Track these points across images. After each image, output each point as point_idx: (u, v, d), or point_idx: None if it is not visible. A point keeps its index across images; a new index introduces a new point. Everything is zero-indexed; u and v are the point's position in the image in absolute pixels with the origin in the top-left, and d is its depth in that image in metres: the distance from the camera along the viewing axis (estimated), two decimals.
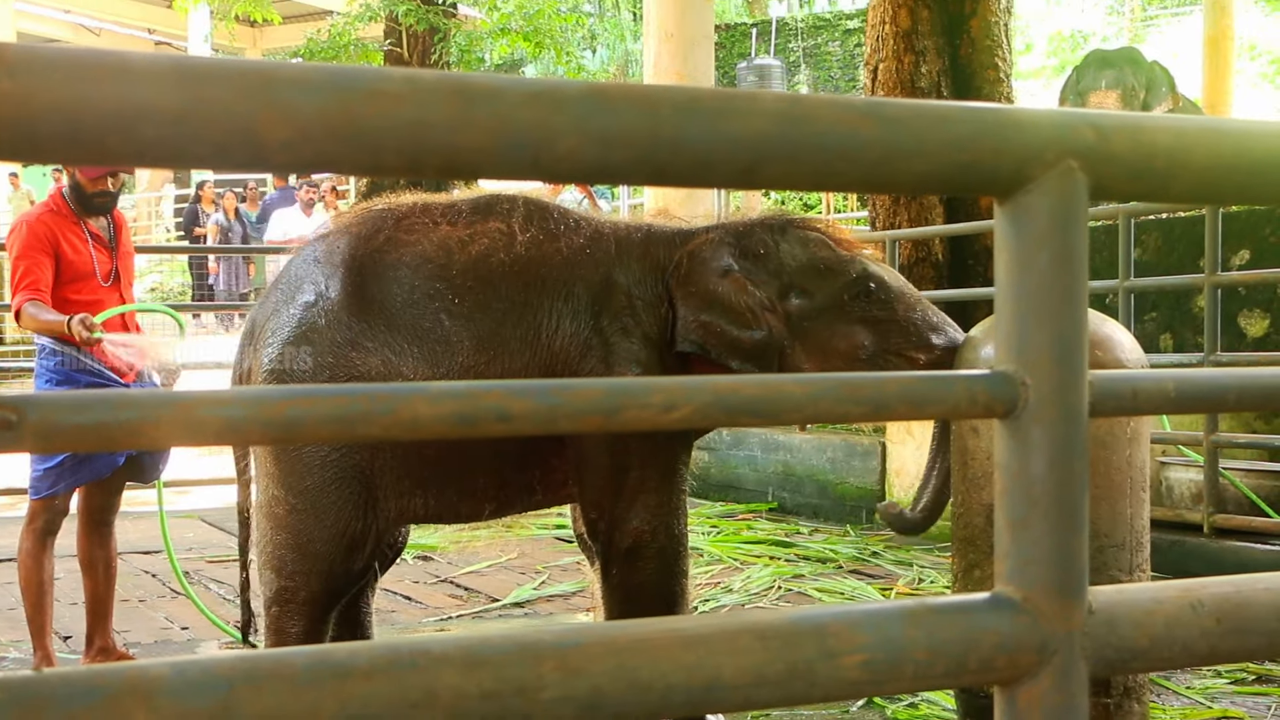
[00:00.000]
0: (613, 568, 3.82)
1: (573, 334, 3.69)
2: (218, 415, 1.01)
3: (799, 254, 3.81)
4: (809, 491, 8.84)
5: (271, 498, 3.67)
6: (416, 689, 1.05)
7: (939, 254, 9.81)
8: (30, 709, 0.94)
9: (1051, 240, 1.26)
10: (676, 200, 10.43)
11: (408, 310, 3.66)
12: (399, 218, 3.80)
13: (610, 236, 3.83)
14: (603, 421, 1.15)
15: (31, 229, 4.66)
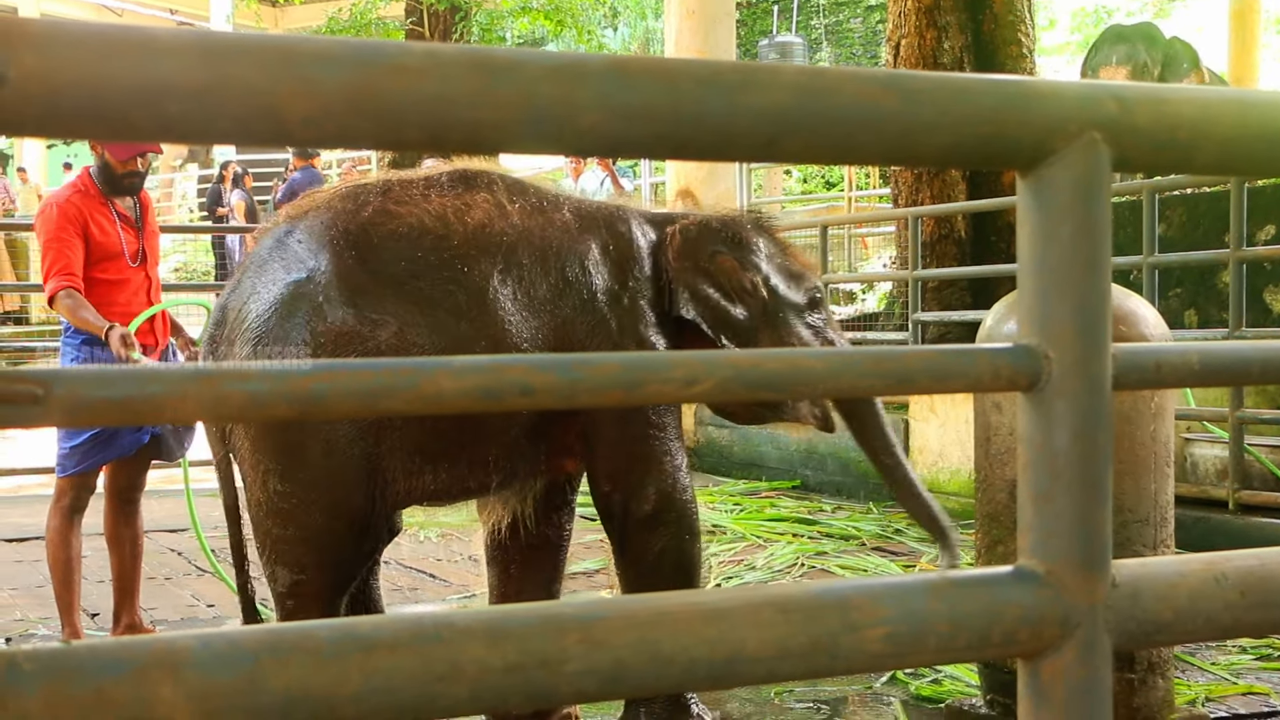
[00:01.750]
0: (633, 537, 3.83)
1: (580, 303, 3.71)
2: (242, 390, 1.02)
3: (774, 252, 4.07)
4: (832, 469, 8.83)
5: (274, 492, 3.54)
6: (441, 661, 1.05)
7: (961, 231, 9.78)
8: (59, 680, 0.95)
9: (1074, 213, 1.26)
10: (698, 179, 10.42)
11: (414, 281, 3.59)
12: (381, 191, 3.72)
13: (595, 212, 3.89)
14: (624, 396, 1.15)
15: (61, 210, 4.67)
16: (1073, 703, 1.27)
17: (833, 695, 4.41)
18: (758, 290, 3.91)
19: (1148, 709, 3.44)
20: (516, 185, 3.82)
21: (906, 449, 8.22)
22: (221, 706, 1.00)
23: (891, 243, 13.36)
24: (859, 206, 16.59)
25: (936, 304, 9.38)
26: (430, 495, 3.77)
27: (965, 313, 8.48)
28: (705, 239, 3.90)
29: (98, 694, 0.95)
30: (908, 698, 4.34)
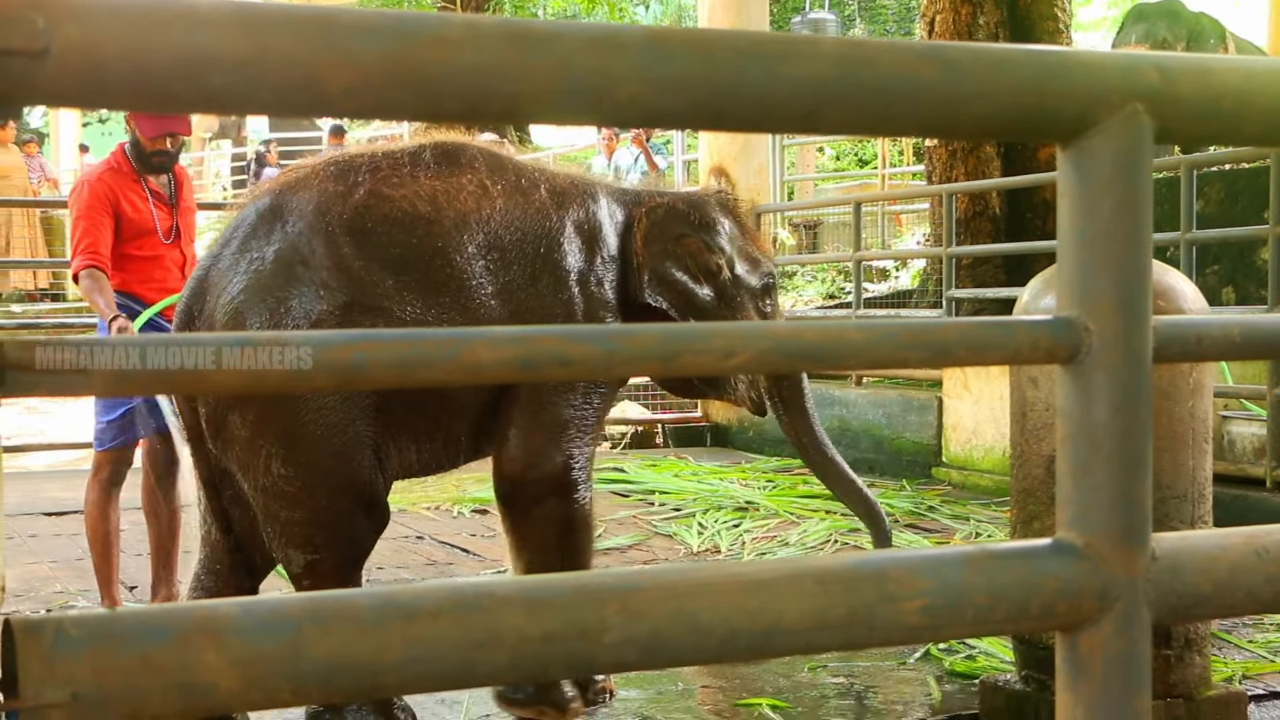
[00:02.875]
0: (538, 507, 3.81)
1: (550, 287, 3.75)
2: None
3: (736, 235, 4.13)
4: (865, 446, 8.81)
5: (279, 476, 3.51)
6: (481, 629, 1.06)
7: (996, 207, 9.73)
8: (105, 645, 0.96)
9: (1115, 185, 1.25)
10: (731, 156, 10.40)
11: (408, 268, 3.60)
12: (371, 169, 3.69)
13: (569, 191, 3.91)
14: (661, 367, 1.16)
15: (92, 189, 4.70)
16: (1111, 675, 1.27)
17: (866, 671, 4.41)
18: (721, 272, 3.99)
19: (1184, 685, 3.43)
20: (496, 162, 3.86)
21: (940, 427, 8.21)
22: (264, 673, 1.01)
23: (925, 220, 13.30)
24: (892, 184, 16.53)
25: (971, 281, 9.34)
26: (415, 470, 3.84)
27: (1000, 289, 8.44)
28: (672, 221, 3.96)
29: (143, 659, 0.96)
30: (942, 673, 4.34)
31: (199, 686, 0.99)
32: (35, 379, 0.94)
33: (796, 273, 13.81)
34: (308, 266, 3.54)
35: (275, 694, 1.07)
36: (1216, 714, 3.48)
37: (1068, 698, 1.29)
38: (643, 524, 6.81)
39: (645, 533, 6.60)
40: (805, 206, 14.74)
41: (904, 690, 4.24)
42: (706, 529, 6.59)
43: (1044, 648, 3.54)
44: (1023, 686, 3.67)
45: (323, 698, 1.06)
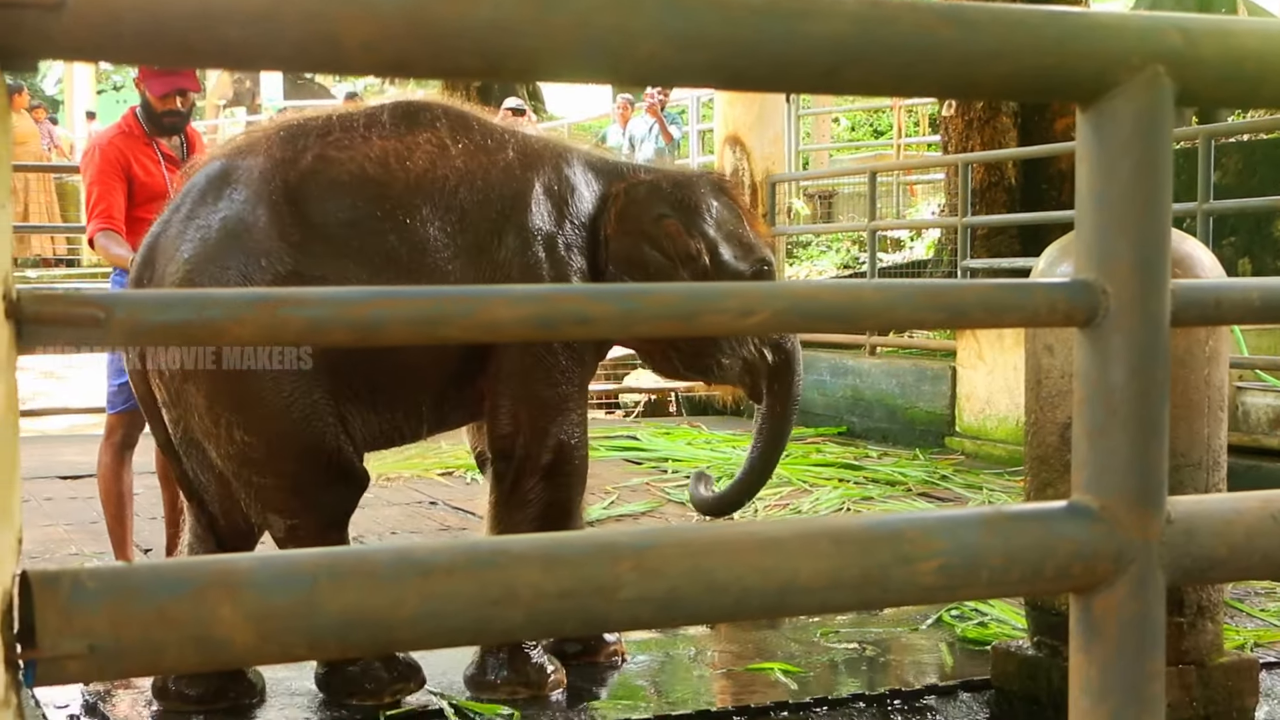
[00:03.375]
0: (527, 483, 3.77)
1: (516, 249, 3.66)
2: (300, 315, 1.02)
3: (727, 219, 4.01)
4: (878, 416, 8.81)
5: (242, 443, 3.46)
6: (496, 586, 1.06)
7: (1012, 178, 9.70)
8: (122, 598, 0.96)
9: (1135, 147, 1.24)
10: (746, 125, 10.37)
11: (354, 234, 3.51)
12: (321, 133, 3.60)
13: (541, 154, 3.81)
14: (680, 326, 1.15)
15: (104, 153, 4.69)
16: (1125, 638, 1.27)
17: (879, 637, 4.42)
18: (700, 257, 3.87)
19: (1196, 652, 3.44)
20: (460, 121, 3.74)
21: (953, 396, 8.20)
22: (279, 627, 1.01)
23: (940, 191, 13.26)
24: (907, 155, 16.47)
25: (986, 251, 9.32)
26: (373, 443, 3.73)
27: (1015, 260, 8.42)
28: (653, 201, 3.86)
29: (159, 612, 0.97)
30: (954, 640, 4.35)
31: (215, 640, 0.99)
32: (53, 331, 0.94)
33: (811, 243, 13.78)
34: (250, 236, 3.46)
35: (290, 648, 1.07)
36: (1228, 681, 3.49)
37: (1081, 660, 1.29)
38: (655, 491, 6.82)
39: (658, 500, 6.61)
40: (820, 176, 14.70)
41: (916, 656, 4.25)
42: None
43: (1056, 613, 3.55)
44: (1035, 652, 3.68)
45: (338, 652, 1.06)
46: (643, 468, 7.50)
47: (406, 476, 7.19)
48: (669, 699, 3.80)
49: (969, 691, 3.91)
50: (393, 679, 3.59)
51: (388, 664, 3.57)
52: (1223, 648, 3.58)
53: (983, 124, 9.68)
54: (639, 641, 4.32)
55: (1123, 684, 1.26)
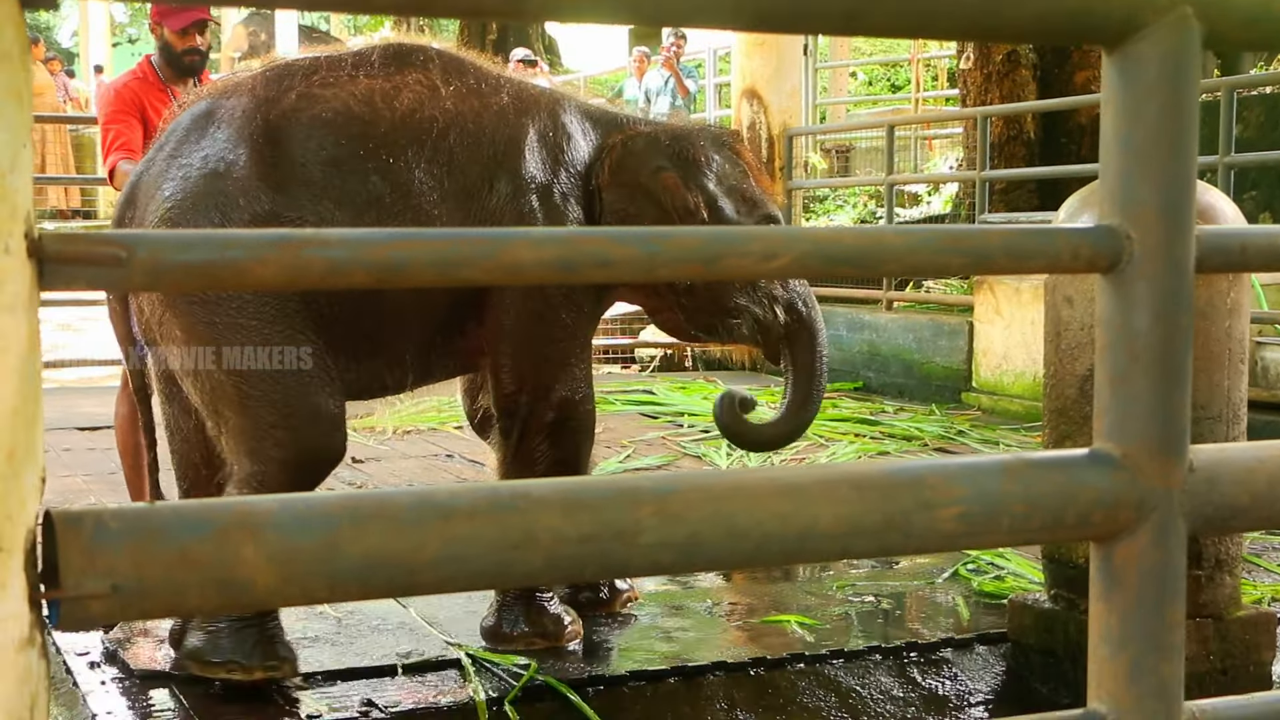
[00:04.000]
0: (534, 440, 3.72)
1: (509, 195, 3.57)
2: (322, 256, 1.02)
3: (730, 173, 3.91)
4: (894, 371, 8.80)
5: (219, 381, 3.35)
6: (517, 530, 1.06)
7: (1031, 132, 9.64)
8: (145, 539, 0.96)
9: (1161, 90, 1.23)
10: (764, 79, 10.32)
11: (335, 174, 3.41)
12: (306, 72, 3.49)
13: (537, 99, 3.73)
14: (702, 270, 1.15)
15: (119, 94, 4.68)
16: (1146, 586, 1.26)
17: (894, 590, 4.43)
18: (699, 211, 3.78)
19: (1214, 605, 3.44)
20: (454, 64, 3.64)
21: (970, 351, 8.19)
22: (301, 570, 1.01)
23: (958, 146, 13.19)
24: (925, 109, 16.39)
25: (1004, 206, 9.28)
26: (356, 393, 3.63)
27: (1033, 214, 8.38)
28: (651, 153, 3.77)
29: (181, 553, 0.97)
30: (970, 593, 4.35)
31: (237, 581, 0.99)
32: (75, 271, 0.94)
33: (828, 197, 13.74)
34: (230, 175, 3.36)
35: (312, 591, 1.07)
36: (1245, 634, 3.49)
37: (1101, 608, 1.29)
38: (671, 445, 6.82)
39: (674, 454, 6.62)
40: (838, 130, 14.64)
41: (932, 609, 4.26)
42: (735, 451, 6.60)
43: (1074, 566, 3.55)
44: (1052, 605, 3.68)
45: (360, 595, 1.06)
46: (658, 422, 7.51)
47: (423, 429, 7.20)
48: (685, 651, 3.81)
49: (985, 644, 3.92)
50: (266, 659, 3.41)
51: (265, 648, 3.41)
52: (1240, 601, 3.58)
53: (1002, 77, 9.62)
54: (654, 594, 4.33)
55: (1142, 633, 1.26)
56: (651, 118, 4.09)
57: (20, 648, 0.91)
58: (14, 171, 0.88)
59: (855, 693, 3.69)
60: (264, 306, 3.32)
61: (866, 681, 3.73)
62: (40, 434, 0.95)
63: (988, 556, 4.62)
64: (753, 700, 3.62)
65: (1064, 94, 9.22)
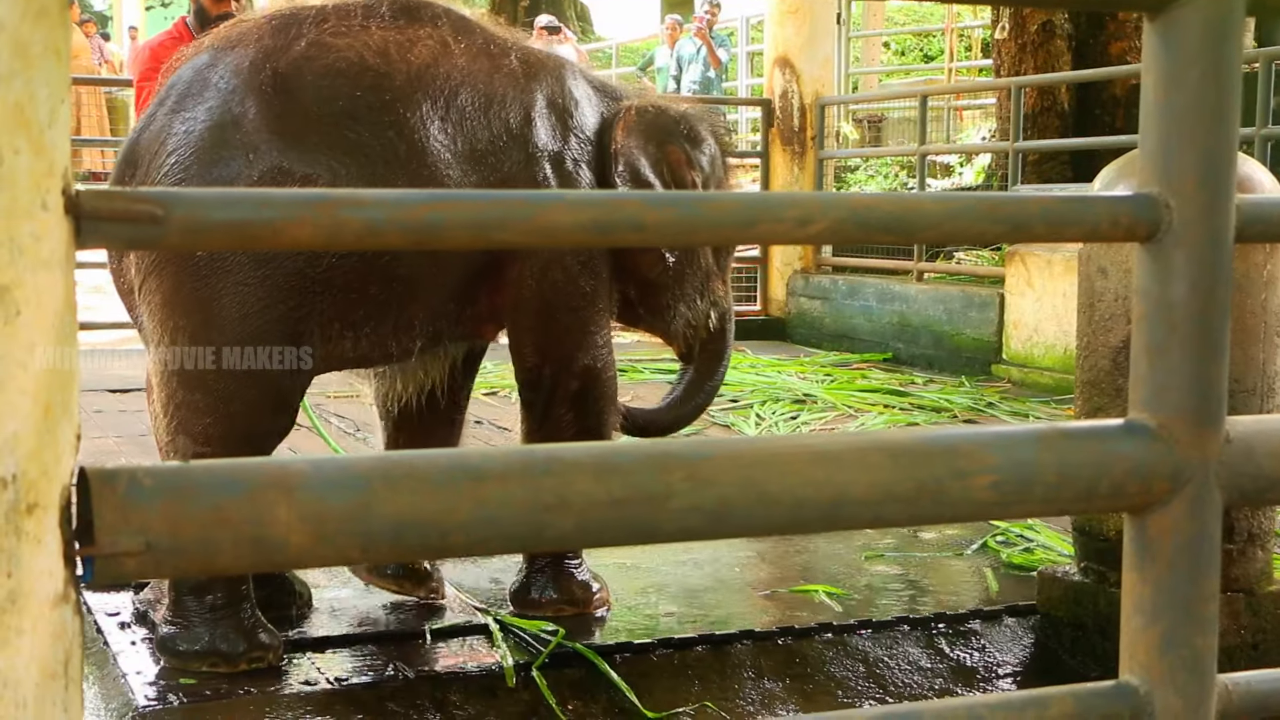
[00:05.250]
0: (558, 410, 3.68)
1: (521, 162, 3.51)
2: (358, 217, 1.01)
3: (719, 160, 3.95)
4: (924, 342, 8.78)
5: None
6: (549, 493, 1.06)
7: (1065, 103, 9.58)
8: (178, 497, 0.96)
9: (1203, 57, 1.22)
10: (796, 47, 10.27)
11: (349, 126, 3.31)
12: (316, 20, 3.38)
13: (546, 63, 3.68)
14: (737, 234, 1.15)
15: (154, 53, 4.71)
16: (1180, 558, 1.26)
17: (923, 561, 4.42)
18: (697, 190, 3.76)
19: (1245, 579, 3.43)
20: (463, 23, 3.57)
21: (1001, 323, 8.15)
22: (334, 530, 1.01)
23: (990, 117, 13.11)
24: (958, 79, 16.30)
25: (1036, 177, 9.23)
26: (350, 361, 3.55)
27: (1066, 186, 8.33)
28: (661, 124, 3.78)
29: (215, 511, 0.97)
30: (999, 565, 4.35)
31: (270, 540, 1.00)
32: (112, 228, 0.94)
33: (859, 167, 13.69)
34: (239, 128, 3.24)
35: (345, 551, 1.08)
36: (1277, 609, 3.48)
37: (1134, 580, 1.28)
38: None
39: (703, 423, 6.60)
40: (871, 99, 14.57)
41: (960, 580, 4.25)
42: (764, 420, 6.60)
43: (1104, 539, 3.54)
44: (1081, 578, 3.67)
45: (392, 556, 1.07)
46: None
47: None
48: (713, 619, 3.82)
49: (1014, 616, 3.91)
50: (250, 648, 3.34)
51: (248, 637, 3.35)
52: (1273, 576, 3.57)
53: (1036, 48, 9.55)
54: (680, 561, 4.34)
55: (1176, 604, 1.26)
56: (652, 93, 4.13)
57: (55, 604, 0.91)
58: (52, 127, 0.88)
59: (883, 663, 3.69)
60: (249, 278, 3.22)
61: (894, 652, 3.73)
62: (76, 391, 0.95)
63: (1017, 528, 4.61)
64: (780, 669, 3.63)
65: (1099, 65, 9.15)
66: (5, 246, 0.85)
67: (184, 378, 3.25)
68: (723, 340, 4.08)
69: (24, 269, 0.87)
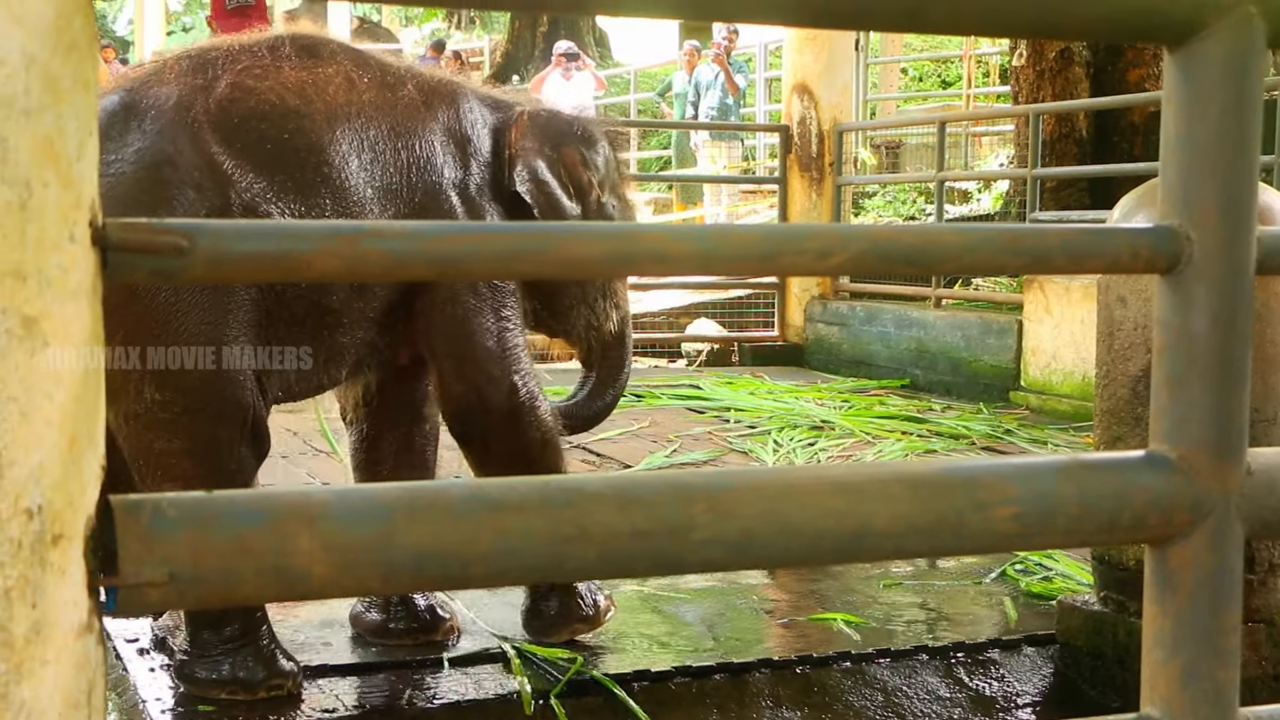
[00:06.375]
0: (499, 434, 3.61)
1: (431, 188, 3.52)
2: (382, 248, 1.02)
3: (613, 165, 3.94)
4: (942, 369, 8.77)
5: (151, 402, 3.16)
6: (570, 524, 1.06)
7: (1083, 129, 9.58)
8: (202, 526, 0.97)
9: (1224, 90, 1.22)
10: (815, 74, 10.29)
11: (278, 168, 3.29)
12: (228, 61, 3.34)
13: (438, 89, 3.67)
14: (758, 266, 1.15)
15: None
16: (1201, 590, 1.26)
17: (942, 590, 4.41)
18: (593, 190, 3.79)
19: (1266, 610, 3.41)
20: (358, 57, 3.58)
21: (1019, 350, 8.14)
22: (356, 560, 1.02)
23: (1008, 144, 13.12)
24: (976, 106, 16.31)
25: (1055, 204, 9.22)
26: (292, 393, 3.53)
27: (1084, 213, 8.32)
28: (555, 127, 3.77)
29: (238, 541, 0.97)
30: (1018, 594, 4.33)
31: (292, 571, 1.00)
32: (138, 261, 0.94)
33: (876, 193, 13.69)
34: (175, 167, 3.20)
35: (366, 581, 1.08)
36: None
37: (1155, 611, 1.28)
38: (718, 440, 6.82)
39: (721, 449, 6.61)
40: (890, 125, 14.58)
41: (979, 610, 4.24)
42: (782, 446, 6.59)
43: (1124, 568, 3.52)
44: (1101, 607, 3.66)
45: (412, 586, 1.07)
46: (705, 417, 7.51)
47: None
48: (730, 647, 3.81)
49: (1033, 646, 3.89)
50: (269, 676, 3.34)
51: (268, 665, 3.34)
52: None
53: (1054, 74, 9.56)
54: (698, 589, 4.33)
55: (1197, 637, 1.26)
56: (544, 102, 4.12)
57: (79, 634, 0.92)
58: (80, 160, 0.89)
59: (901, 692, 3.68)
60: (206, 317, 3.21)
61: (913, 681, 3.72)
62: (101, 422, 0.96)
63: (1035, 557, 4.59)
64: (799, 698, 3.62)
65: (1117, 92, 9.15)
66: (34, 278, 0.86)
67: (159, 427, 3.20)
68: (622, 348, 4.06)
69: (51, 300, 0.87)
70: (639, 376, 9.04)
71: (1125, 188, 7.14)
